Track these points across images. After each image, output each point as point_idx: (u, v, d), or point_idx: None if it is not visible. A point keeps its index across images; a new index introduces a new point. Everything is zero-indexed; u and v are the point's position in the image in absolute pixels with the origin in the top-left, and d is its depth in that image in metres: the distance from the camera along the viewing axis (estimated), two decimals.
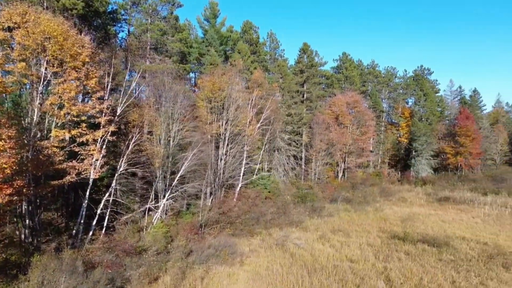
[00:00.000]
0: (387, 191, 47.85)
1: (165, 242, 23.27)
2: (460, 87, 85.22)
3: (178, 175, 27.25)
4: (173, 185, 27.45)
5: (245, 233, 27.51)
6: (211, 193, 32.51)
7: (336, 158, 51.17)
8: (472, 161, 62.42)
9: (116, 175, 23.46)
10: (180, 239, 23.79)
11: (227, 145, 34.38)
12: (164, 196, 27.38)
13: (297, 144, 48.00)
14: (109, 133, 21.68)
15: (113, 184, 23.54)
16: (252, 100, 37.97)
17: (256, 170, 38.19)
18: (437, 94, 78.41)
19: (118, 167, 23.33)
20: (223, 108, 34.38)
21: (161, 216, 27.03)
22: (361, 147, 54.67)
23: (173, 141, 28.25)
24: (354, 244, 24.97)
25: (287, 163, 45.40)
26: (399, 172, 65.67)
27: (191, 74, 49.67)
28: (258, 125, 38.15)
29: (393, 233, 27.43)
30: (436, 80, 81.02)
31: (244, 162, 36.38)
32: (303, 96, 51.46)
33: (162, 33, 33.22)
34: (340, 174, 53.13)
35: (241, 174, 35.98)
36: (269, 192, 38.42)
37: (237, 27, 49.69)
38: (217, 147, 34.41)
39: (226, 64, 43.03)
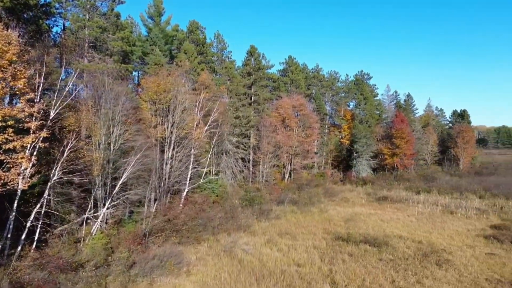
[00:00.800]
0: (330, 192, 49.60)
1: (105, 255, 21.83)
2: (396, 91, 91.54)
3: (120, 182, 25.78)
4: (114, 192, 25.92)
5: (192, 240, 26.77)
6: (156, 200, 31.24)
7: (283, 160, 52.05)
8: (406, 162, 67.12)
9: (50, 184, 21.52)
10: (122, 250, 22.46)
11: (173, 149, 33.29)
12: (104, 205, 25.73)
13: (245, 146, 48.02)
14: (41, 139, 19.75)
15: (46, 194, 21.55)
16: (199, 102, 37.18)
17: (204, 174, 37.47)
18: (375, 98, 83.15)
19: (52, 176, 21.40)
20: (168, 110, 33.22)
21: (100, 226, 25.38)
22: (307, 149, 56.18)
23: (114, 146, 26.63)
24: (300, 247, 25.40)
25: (235, 166, 45.22)
26: (342, 173, 68.59)
27: (134, 73, 47.54)
28: (206, 128, 37.45)
29: (337, 234, 28.38)
30: (375, 85, 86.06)
31: (191, 166, 35.50)
32: (250, 99, 51.62)
33: (102, 30, 31.20)
34: (287, 176, 54.13)
35: (188, 179, 35.08)
36: (217, 196, 37.93)
37: (183, 26, 48.53)
38: (163, 151, 33.17)
39: (171, 65, 41.75)
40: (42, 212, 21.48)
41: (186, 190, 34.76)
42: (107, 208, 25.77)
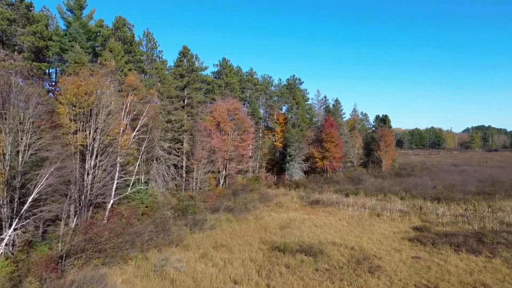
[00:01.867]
0: (265, 197, 49.56)
1: (10, 286, 18.61)
2: (325, 96, 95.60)
3: (31, 198, 22.40)
4: (23, 210, 22.46)
5: (118, 260, 24.24)
6: (75, 216, 27.97)
7: (218, 165, 50.77)
8: (335, 164, 70.19)
9: None
10: (32, 279, 19.37)
11: (96, 157, 30.17)
12: (10, 225, 22.16)
13: (178, 152, 45.76)
14: None
15: None
16: (127, 105, 34.35)
17: (132, 184, 34.71)
18: (307, 103, 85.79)
19: None
20: (91, 115, 30.03)
21: (5, 251, 21.75)
22: (242, 153, 55.60)
23: (23, 157, 23.10)
24: (237, 260, 24.41)
25: (167, 173, 42.81)
26: (275, 176, 69.37)
27: (51, 70, 42.57)
28: (134, 133, 34.73)
29: (274, 244, 27.94)
30: (306, 90, 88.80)
31: (116, 175, 32.63)
32: (183, 102, 49.46)
33: (9, 22, 27.06)
34: (222, 181, 52.95)
35: (114, 190, 32.15)
36: (147, 207, 35.42)
37: (109, 22, 44.74)
38: (84, 160, 29.89)
39: (95, 64, 38.10)
40: None
41: (111, 202, 31.81)
42: (15, 229, 22.24)
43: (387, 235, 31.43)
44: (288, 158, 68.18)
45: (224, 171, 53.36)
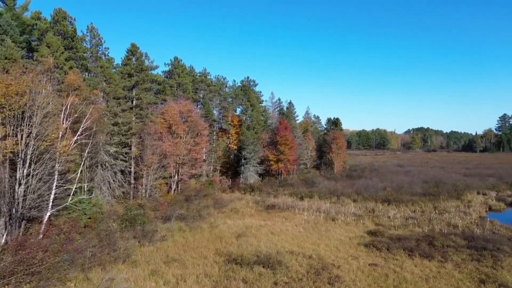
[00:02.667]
0: (220, 202, 48.01)
1: None
2: (279, 99, 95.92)
3: None
4: None
5: (54, 282, 21.47)
6: (5, 232, 24.57)
7: (170, 170, 48.31)
8: (290, 167, 70.34)
9: None
10: None
11: (30, 165, 26.79)
12: None
13: (125, 157, 42.70)
14: None
15: None
16: (67, 107, 31.10)
17: (73, 193, 31.51)
18: (261, 105, 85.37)
19: None
20: (23, 118, 26.61)
21: None
22: (195, 157, 53.52)
23: None
24: (191, 277, 22.68)
25: (114, 180, 39.71)
26: (230, 179, 67.90)
27: None
28: (75, 138, 31.55)
29: (230, 255, 26.54)
30: (260, 92, 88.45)
31: (55, 184, 29.35)
32: (132, 103, 46.35)
33: None
34: (174, 187, 50.51)
35: (51, 201, 28.87)
36: (90, 218, 32.38)
37: (47, 15, 40.70)
38: (15, 169, 26.41)
39: (30, 60, 34.27)
40: None
41: (48, 215, 28.57)
42: None
43: (344, 240, 31.35)
44: (243, 161, 67.09)
45: (176, 176, 50.96)
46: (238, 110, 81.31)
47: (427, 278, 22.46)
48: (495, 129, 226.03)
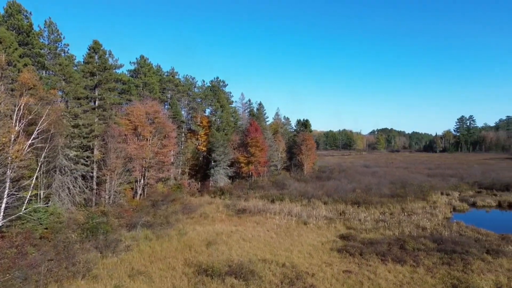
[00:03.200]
0: (189, 207, 46.31)
1: None
2: (249, 100, 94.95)
3: None
4: None
5: None
6: None
7: (135, 175, 46.03)
8: (260, 169, 69.61)
9: None
10: None
11: None
12: None
13: (87, 161, 40.03)
14: None
15: None
16: (20, 108, 28.48)
17: (27, 201, 28.88)
18: (231, 106, 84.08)
19: None
20: None
21: None
22: (162, 160, 51.43)
23: None
24: None
25: (74, 186, 37.05)
26: (199, 182, 66.19)
27: None
28: (30, 141, 28.94)
29: (200, 266, 25.19)
30: (230, 92, 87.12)
31: (6, 192, 26.69)
32: (94, 103, 43.67)
33: None
34: (140, 192, 48.21)
35: (2, 210, 26.26)
36: (46, 229, 29.90)
37: None
38: None
39: None
40: None
41: None
42: None
43: (316, 246, 30.82)
44: (213, 163, 65.55)
45: (142, 181, 48.71)
46: (208, 111, 79.71)
47: (401, 284, 22.22)
48: (454, 130, 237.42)
